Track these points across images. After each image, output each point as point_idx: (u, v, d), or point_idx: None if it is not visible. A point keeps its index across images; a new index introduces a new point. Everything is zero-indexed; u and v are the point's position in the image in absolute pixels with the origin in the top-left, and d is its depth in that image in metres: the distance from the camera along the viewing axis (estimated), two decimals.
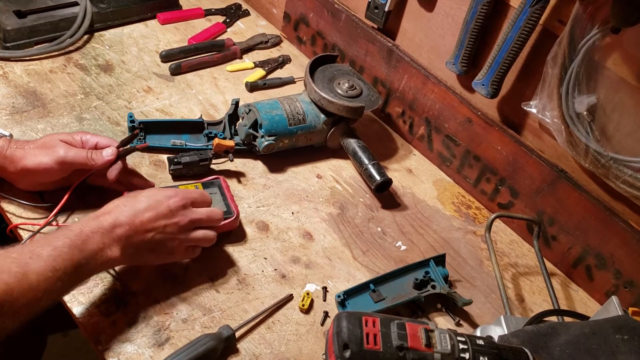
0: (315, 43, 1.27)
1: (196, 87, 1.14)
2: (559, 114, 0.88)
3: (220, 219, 0.81)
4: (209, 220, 0.79)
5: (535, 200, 0.98)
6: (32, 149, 0.79)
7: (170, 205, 0.74)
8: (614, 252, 0.91)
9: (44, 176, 0.80)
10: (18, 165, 0.78)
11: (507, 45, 0.90)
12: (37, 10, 1.12)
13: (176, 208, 0.75)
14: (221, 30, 1.30)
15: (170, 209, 0.74)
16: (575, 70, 0.84)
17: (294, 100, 1.03)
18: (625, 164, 0.84)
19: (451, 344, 0.58)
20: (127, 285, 0.78)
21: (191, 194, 0.77)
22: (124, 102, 1.05)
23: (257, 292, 0.82)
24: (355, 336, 0.57)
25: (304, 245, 0.91)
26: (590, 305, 0.95)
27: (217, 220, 0.80)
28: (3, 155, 0.78)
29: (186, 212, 0.76)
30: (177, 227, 0.75)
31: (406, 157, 1.14)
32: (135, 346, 0.72)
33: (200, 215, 0.78)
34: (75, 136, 0.83)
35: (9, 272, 0.59)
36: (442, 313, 0.87)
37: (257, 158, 1.04)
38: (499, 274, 0.87)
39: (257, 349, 0.76)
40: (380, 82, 1.16)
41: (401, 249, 0.95)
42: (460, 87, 1.07)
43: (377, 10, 1.10)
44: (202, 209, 0.78)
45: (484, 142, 1.02)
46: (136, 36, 1.22)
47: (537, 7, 0.84)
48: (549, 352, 0.65)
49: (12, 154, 0.78)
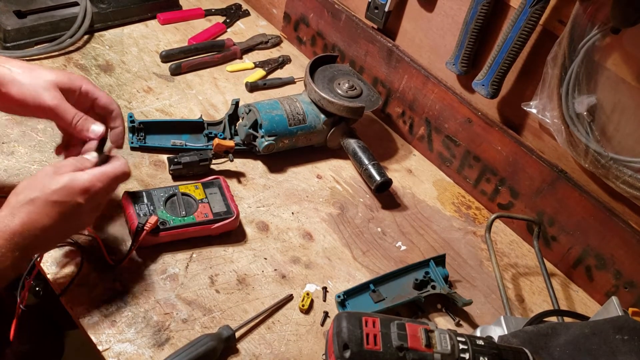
0: (315, 43, 1.27)
1: (196, 87, 1.14)
2: (559, 114, 0.88)
3: (122, 170, 0.73)
4: (109, 188, 0.72)
5: (535, 200, 0.98)
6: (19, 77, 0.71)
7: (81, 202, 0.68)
8: (614, 253, 0.91)
9: (20, 109, 0.74)
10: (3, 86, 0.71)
11: (507, 46, 0.90)
12: (37, 11, 1.12)
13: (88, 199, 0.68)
14: (221, 31, 1.30)
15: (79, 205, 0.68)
16: (575, 70, 0.84)
17: (294, 100, 1.03)
18: (625, 164, 0.84)
19: (451, 344, 0.58)
20: (127, 285, 0.78)
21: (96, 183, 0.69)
22: (124, 102, 1.05)
23: (257, 292, 0.82)
24: (355, 336, 0.57)
25: (304, 245, 0.91)
26: (590, 306, 0.95)
27: (118, 178, 0.73)
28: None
29: (98, 196, 0.70)
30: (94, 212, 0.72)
31: (406, 157, 1.14)
32: (135, 346, 0.72)
33: (101, 195, 0.71)
34: (75, 82, 0.75)
35: None
36: (442, 313, 0.87)
37: (257, 158, 1.04)
38: (499, 274, 0.87)
39: (257, 349, 0.76)
40: (380, 83, 1.16)
41: (401, 249, 0.95)
42: (460, 88, 1.07)
43: (377, 10, 1.10)
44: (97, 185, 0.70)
45: (484, 142, 1.02)
46: (136, 36, 1.22)
47: (537, 7, 0.84)
48: (549, 352, 0.65)
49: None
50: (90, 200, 0.69)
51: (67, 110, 0.73)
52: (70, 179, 0.67)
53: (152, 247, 0.83)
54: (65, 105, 0.73)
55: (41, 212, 0.65)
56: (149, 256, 0.82)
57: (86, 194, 0.68)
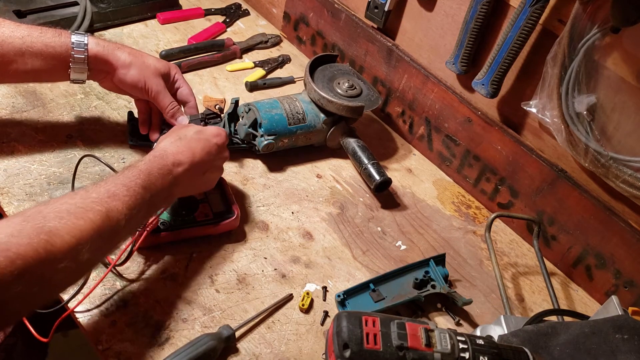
0: (315, 43, 1.27)
1: (196, 87, 1.14)
2: (558, 114, 0.88)
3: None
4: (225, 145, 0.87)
5: (535, 200, 0.98)
6: (134, 63, 0.86)
7: (217, 143, 0.82)
8: (614, 252, 0.91)
9: (126, 89, 0.89)
10: (120, 69, 0.85)
11: (507, 45, 0.90)
12: (37, 10, 1.12)
13: (222, 145, 0.83)
14: (221, 30, 1.30)
15: (217, 147, 0.82)
16: (575, 70, 0.84)
17: (293, 99, 1.03)
18: (625, 163, 0.84)
19: (451, 343, 0.58)
20: (127, 285, 0.78)
21: (222, 131, 0.85)
22: (124, 102, 1.05)
23: (257, 292, 0.82)
24: (355, 336, 0.57)
25: (304, 245, 0.91)
26: (590, 305, 0.95)
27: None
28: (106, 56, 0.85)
29: (225, 147, 0.85)
30: (222, 162, 0.85)
31: (406, 156, 1.14)
32: (135, 346, 0.72)
33: (223, 148, 0.85)
34: (171, 71, 0.91)
35: (93, 210, 0.61)
36: (442, 313, 0.87)
37: (257, 157, 1.04)
38: (499, 273, 0.87)
39: (257, 348, 0.76)
40: (380, 82, 1.16)
41: (401, 249, 0.95)
42: (460, 87, 1.07)
43: (377, 10, 1.10)
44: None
45: (484, 141, 1.02)
46: (136, 36, 1.22)
47: (537, 6, 0.84)
48: (549, 351, 0.65)
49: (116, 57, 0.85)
50: (219, 150, 0.82)
51: (166, 98, 0.89)
52: (202, 127, 0.84)
53: (152, 247, 0.83)
54: (165, 92, 0.89)
55: (188, 144, 0.77)
56: (150, 256, 0.82)
57: (218, 137, 0.82)
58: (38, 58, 0.81)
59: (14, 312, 0.55)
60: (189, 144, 0.78)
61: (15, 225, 0.54)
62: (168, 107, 0.89)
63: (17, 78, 0.86)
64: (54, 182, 0.88)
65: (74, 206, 0.60)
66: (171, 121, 0.91)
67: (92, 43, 0.84)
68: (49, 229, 0.56)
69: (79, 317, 0.73)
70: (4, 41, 0.79)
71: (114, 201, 0.64)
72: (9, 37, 0.79)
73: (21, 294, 0.52)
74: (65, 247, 0.57)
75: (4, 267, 0.50)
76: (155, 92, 0.87)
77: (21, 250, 0.52)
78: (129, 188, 0.67)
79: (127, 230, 0.67)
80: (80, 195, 0.63)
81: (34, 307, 0.60)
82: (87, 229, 0.59)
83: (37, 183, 0.87)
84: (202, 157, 0.78)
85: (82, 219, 0.60)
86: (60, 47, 0.82)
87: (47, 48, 0.81)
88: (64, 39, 0.82)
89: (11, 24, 0.81)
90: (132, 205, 0.66)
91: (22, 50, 0.80)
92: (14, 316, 0.58)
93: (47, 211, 0.58)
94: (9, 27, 0.80)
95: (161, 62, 0.89)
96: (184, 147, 0.77)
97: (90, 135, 0.97)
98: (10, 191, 0.84)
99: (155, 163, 0.73)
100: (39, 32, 0.81)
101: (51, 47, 0.82)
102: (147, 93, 0.87)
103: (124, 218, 0.64)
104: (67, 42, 0.82)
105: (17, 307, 0.55)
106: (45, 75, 0.86)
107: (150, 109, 0.93)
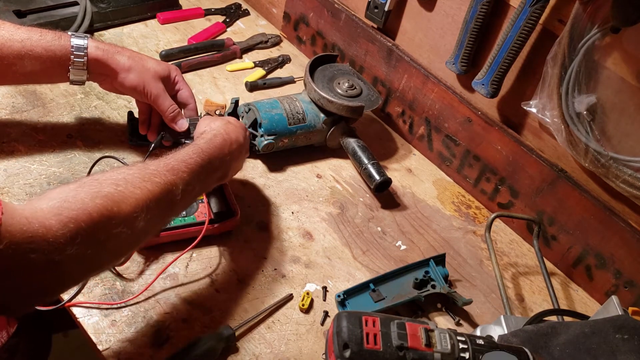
0: (315, 43, 1.27)
1: (196, 87, 1.14)
2: (558, 114, 0.88)
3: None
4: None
5: (535, 200, 0.98)
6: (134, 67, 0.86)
7: (245, 136, 0.85)
8: (614, 252, 0.91)
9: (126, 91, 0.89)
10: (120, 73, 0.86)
11: (507, 45, 0.90)
12: (37, 10, 1.12)
13: (248, 136, 0.87)
14: (221, 30, 1.30)
15: (245, 138, 0.84)
16: (575, 70, 0.84)
17: (293, 99, 1.03)
18: (625, 163, 0.84)
19: (451, 343, 0.58)
20: (127, 285, 0.78)
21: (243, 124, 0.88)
22: (124, 102, 1.05)
23: (257, 292, 0.82)
24: (355, 336, 0.57)
25: (303, 245, 0.91)
26: (590, 305, 0.95)
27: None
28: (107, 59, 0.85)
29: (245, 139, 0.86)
30: (247, 152, 0.87)
31: (406, 156, 1.14)
32: (135, 346, 0.72)
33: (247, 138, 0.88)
34: (171, 73, 0.91)
35: (151, 181, 0.63)
36: (442, 313, 0.87)
37: (257, 157, 1.04)
38: (499, 273, 0.87)
39: (257, 348, 0.76)
40: (380, 82, 1.16)
41: (401, 249, 0.95)
42: (460, 87, 1.07)
43: (377, 10, 1.10)
44: None
45: (484, 141, 1.02)
46: (136, 36, 1.21)
47: (537, 6, 0.84)
48: (549, 351, 0.65)
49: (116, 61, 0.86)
50: (247, 137, 0.85)
51: (165, 101, 0.89)
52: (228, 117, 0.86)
53: (152, 246, 0.83)
54: (165, 95, 0.89)
55: (234, 127, 0.81)
56: (150, 256, 0.82)
57: (243, 127, 0.85)
58: (38, 61, 0.81)
59: (68, 275, 0.56)
60: (228, 134, 0.81)
61: (69, 191, 0.55)
62: (168, 111, 0.89)
63: (16, 80, 0.86)
64: (54, 182, 0.88)
65: (131, 176, 0.61)
66: (171, 124, 0.91)
67: (92, 47, 0.84)
68: (105, 194, 0.57)
69: (79, 317, 0.74)
70: (3, 44, 0.78)
71: (173, 175, 0.66)
72: (8, 41, 0.79)
73: (75, 256, 0.53)
74: (120, 213, 0.57)
75: (56, 230, 0.51)
76: (154, 95, 0.88)
77: (73, 214, 0.53)
78: (188, 165, 0.69)
79: (181, 205, 0.69)
80: (137, 167, 0.64)
81: (89, 271, 0.60)
82: (144, 198, 0.60)
83: (37, 183, 0.87)
84: (238, 147, 0.81)
85: (139, 188, 0.61)
86: (60, 51, 0.82)
87: (47, 52, 0.81)
88: (63, 42, 0.82)
89: (11, 27, 0.80)
90: (188, 181, 0.68)
91: (21, 54, 0.80)
92: (69, 279, 0.58)
93: (103, 178, 0.59)
94: (8, 30, 0.80)
95: (161, 65, 0.89)
96: (232, 129, 0.81)
97: (90, 135, 0.97)
98: (10, 191, 0.84)
99: (208, 144, 0.75)
100: (39, 35, 0.81)
101: (51, 51, 0.81)
102: (146, 97, 0.88)
103: (180, 193, 0.66)
104: (67, 45, 0.82)
105: (71, 269, 0.55)
106: (44, 77, 0.86)
107: (150, 110, 0.93)
